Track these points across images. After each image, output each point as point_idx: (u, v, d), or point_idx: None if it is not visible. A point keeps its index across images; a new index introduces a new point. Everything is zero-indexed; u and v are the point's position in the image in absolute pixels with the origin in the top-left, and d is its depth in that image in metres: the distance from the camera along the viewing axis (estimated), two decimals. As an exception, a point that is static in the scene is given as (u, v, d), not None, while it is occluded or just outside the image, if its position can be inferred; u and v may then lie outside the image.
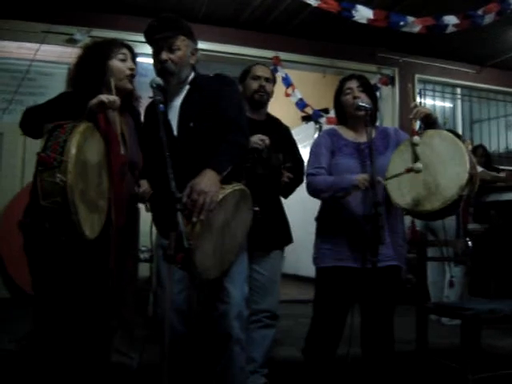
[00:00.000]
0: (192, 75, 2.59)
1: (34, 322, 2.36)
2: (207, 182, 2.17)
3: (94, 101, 2.25)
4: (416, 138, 2.56)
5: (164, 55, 2.46)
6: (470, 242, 4.55)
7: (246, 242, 2.53)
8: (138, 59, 2.61)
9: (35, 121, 2.30)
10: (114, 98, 2.29)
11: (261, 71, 3.23)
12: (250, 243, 2.59)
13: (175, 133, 2.48)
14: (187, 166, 2.35)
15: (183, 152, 2.41)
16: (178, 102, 2.53)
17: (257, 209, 2.50)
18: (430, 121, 2.65)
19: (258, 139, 2.92)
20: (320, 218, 2.84)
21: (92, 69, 2.44)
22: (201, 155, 2.38)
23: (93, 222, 2.19)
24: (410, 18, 4.91)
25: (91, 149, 2.21)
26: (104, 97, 2.26)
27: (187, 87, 2.55)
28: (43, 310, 2.32)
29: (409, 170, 2.48)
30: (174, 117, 2.50)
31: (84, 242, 2.15)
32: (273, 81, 3.29)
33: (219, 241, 2.28)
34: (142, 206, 2.62)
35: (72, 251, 2.21)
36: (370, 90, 2.83)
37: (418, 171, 2.48)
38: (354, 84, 2.80)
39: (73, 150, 2.02)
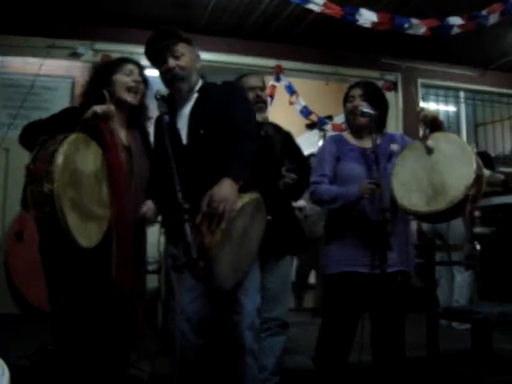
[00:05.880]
0: (200, 83, 2.59)
1: (53, 335, 2.37)
2: (226, 190, 2.17)
3: (88, 112, 2.27)
4: (431, 143, 2.57)
5: (171, 62, 2.47)
6: (478, 246, 4.53)
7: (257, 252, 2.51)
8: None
9: (34, 134, 2.30)
10: (106, 106, 2.31)
11: (254, 81, 3.19)
12: (261, 250, 2.56)
13: (184, 141, 2.48)
14: (198, 173, 2.35)
15: (193, 160, 2.41)
16: (187, 110, 2.53)
17: (269, 218, 2.49)
18: (436, 124, 2.65)
19: None
20: (327, 226, 2.85)
21: (97, 84, 2.47)
22: (211, 162, 2.38)
23: (89, 231, 2.20)
24: (415, 20, 4.85)
25: (85, 158, 2.23)
26: (98, 107, 2.28)
27: (196, 95, 2.55)
28: (61, 324, 2.34)
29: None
30: (183, 125, 2.50)
31: (84, 252, 2.16)
32: (264, 88, 3.28)
33: (236, 250, 2.27)
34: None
35: (77, 261, 2.22)
36: (375, 97, 2.82)
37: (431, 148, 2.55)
38: (356, 92, 2.81)
39: (59, 159, 2.04)
